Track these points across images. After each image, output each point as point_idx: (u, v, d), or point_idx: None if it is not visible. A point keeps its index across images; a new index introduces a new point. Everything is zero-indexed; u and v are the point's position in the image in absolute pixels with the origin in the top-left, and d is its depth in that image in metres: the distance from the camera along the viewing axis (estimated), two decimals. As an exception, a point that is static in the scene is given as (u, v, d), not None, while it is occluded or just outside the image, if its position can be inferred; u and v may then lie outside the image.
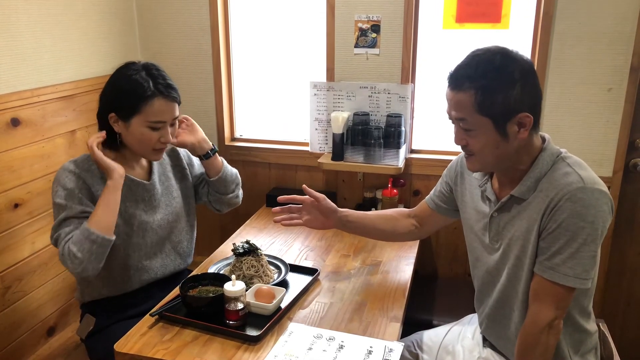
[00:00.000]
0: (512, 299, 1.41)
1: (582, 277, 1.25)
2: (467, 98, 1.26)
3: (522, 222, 1.34)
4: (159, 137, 1.60)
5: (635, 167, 2.17)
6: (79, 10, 2.16)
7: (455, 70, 1.31)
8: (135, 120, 1.56)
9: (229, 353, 1.35)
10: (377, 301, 1.60)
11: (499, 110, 1.25)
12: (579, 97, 2.11)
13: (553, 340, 1.30)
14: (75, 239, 1.50)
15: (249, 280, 1.60)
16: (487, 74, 1.25)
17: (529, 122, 1.26)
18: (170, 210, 1.77)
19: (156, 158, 1.69)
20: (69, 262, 1.50)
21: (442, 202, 1.65)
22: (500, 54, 1.27)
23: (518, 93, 1.24)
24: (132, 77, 1.56)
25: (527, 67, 1.27)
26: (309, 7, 2.37)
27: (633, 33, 1.99)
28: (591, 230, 1.23)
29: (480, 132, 1.29)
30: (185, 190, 1.85)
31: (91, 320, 1.69)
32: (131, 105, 1.55)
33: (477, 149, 1.32)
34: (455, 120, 1.32)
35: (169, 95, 1.58)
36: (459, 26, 2.16)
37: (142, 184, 1.69)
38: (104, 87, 1.63)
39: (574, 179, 1.25)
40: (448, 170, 1.64)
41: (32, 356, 2.02)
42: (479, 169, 1.41)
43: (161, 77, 1.58)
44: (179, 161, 1.86)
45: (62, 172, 1.58)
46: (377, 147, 2.21)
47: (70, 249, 1.49)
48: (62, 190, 1.56)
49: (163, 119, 1.59)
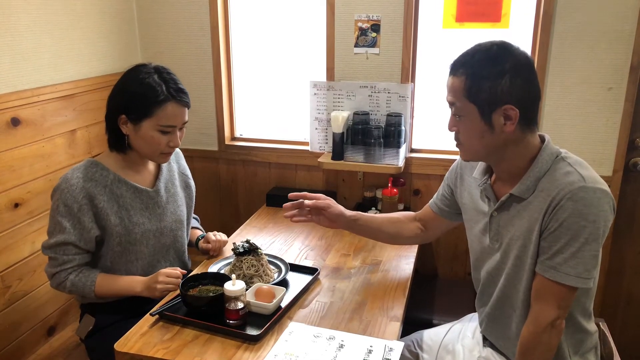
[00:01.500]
0: (512, 298, 1.41)
1: (584, 276, 1.25)
2: (459, 83, 1.29)
3: (523, 221, 1.34)
4: (168, 141, 1.61)
5: (635, 166, 2.17)
6: (79, 10, 2.17)
7: (456, 58, 1.34)
8: (146, 124, 1.57)
9: (229, 352, 1.35)
10: (377, 300, 1.60)
11: (484, 98, 1.27)
12: (579, 96, 2.11)
13: (555, 340, 1.30)
14: (77, 284, 1.60)
15: (249, 280, 1.60)
16: (480, 62, 1.28)
17: (515, 115, 1.27)
18: (175, 218, 1.77)
19: (163, 161, 1.70)
20: (54, 284, 1.63)
21: (445, 205, 1.65)
22: (498, 45, 1.29)
23: (506, 84, 1.25)
24: (145, 81, 1.55)
25: (523, 62, 1.28)
26: (309, 7, 2.37)
27: (633, 32, 1.99)
28: (593, 230, 1.23)
29: (467, 119, 1.31)
30: (189, 199, 1.87)
31: (90, 320, 1.69)
32: (143, 108, 1.55)
33: (465, 137, 1.35)
34: (450, 105, 1.36)
35: (181, 100, 1.59)
36: (458, 25, 2.16)
37: (146, 192, 1.69)
38: (113, 88, 1.62)
39: (576, 178, 1.25)
40: (449, 173, 1.64)
41: (32, 355, 2.02)
42: (469, 157, 1.42)
43: (173, 82, 1.59)
44: (185, 170, 1.88)
45: (64, 185, 1.57)
46: (377, 147, 2.21)
47: (65, 284, 1.61)
48: (62, 207, 1.56)
49: (174, 123, 1.59)
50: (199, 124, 2.56)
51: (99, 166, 1.62)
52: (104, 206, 1.59)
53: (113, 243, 1.62)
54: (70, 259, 1.59)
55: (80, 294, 1.62)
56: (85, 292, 1.60)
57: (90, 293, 1.60)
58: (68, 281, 1.59)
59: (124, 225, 1.62)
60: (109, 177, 1.62)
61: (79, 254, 1.60)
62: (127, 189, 1.65)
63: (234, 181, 2.61)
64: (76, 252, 1.59)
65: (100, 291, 1.61)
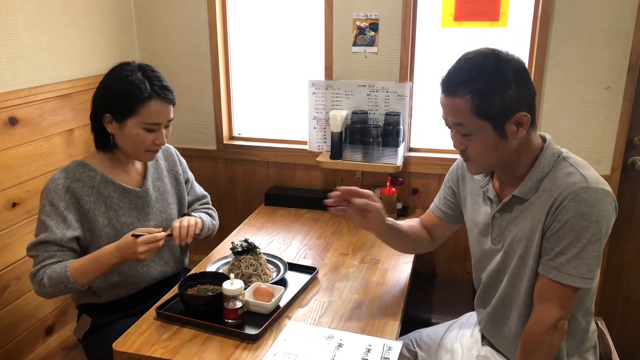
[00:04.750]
0: (513, 298, 1.41)
1: (587, 277, 1.25)
2: (464, 103, 1.25)
3: (525, 222, 1.33)
4: (154, 139, 1.59)
5: (634, 165, 2.18)
6: (77, 8, 2.16)
7: (447, 75, 1.29)
8: (130, 122, 1.55)
9: (227, 352, 1.35)
10: (375, 299, 1.60)
11: (496, 112, 1.24)
12: (577, 95, 2.11)
13: (557, 340, 1.30)
14: (53, 276, 1.50)
15: (248, 279, 1.60)
16: (482, 77, 1.23)
17: (527, 120, 1.26)
18: (165, 217, 1.75)
19: (149, 159, 1.68)
20: (36, 286, 1.53)
21: (449, 209, 1.62)
22: (492, 55, 1.26)
23: (514, 93, 1.23)
24: (129, 78, 1.54)
25: (520, 66, 1.27)
26: (307, 6, 2.37)
27: (631, 31, 1.99)
28: (595, 230, 1.23)
29: (479, 136, 1.28)
30: (180, 196, 1.84)
31: (88, 321, 1.68)
32: (127, 106, 1.54)
33: (477, 153, 1.31)
34: (453, 125, 1.31)
35: (166, 97, 1.57)
36: (457, 24, 2.16)
37: (135, 192, 1.67)
38: (97, 87, 1.61)
39: (578, 179, 1.25)
40: (449, 175, 1.62)
41: (30, 355, 2.02)
42: (479, 171, 1.40)
43: (157, 79, 1.57)
44: (174, 166, 1.84)
45: (51, 185, 1.56)
46: (376, 146, 2.21)
47: (43, 280, 1.50)
48: (48, 206, 1.54)
49: (159, 120, 1.58)
50: (197, 123, 2.56)
51: (86, 167, 1.61)
52: (91, 207, 1.58)
53: (102, 244, 1.58)
54: (50, 255, 1.52)
55: (60, 286, 1.50)
56: (64, 281, 1.49)
57: (68, 280, 1.49)
58: (45, 276, 1.50)
59: (112, 225, 1.61)
60: (96, 178, 1.61)
61: (61, 251, 1.54)
62: (115, 190, 1.63)
63: (232, 180, 2.60)
64: (57, 249, 1.53)
65: (77, 274, 1.50)
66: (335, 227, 2.15)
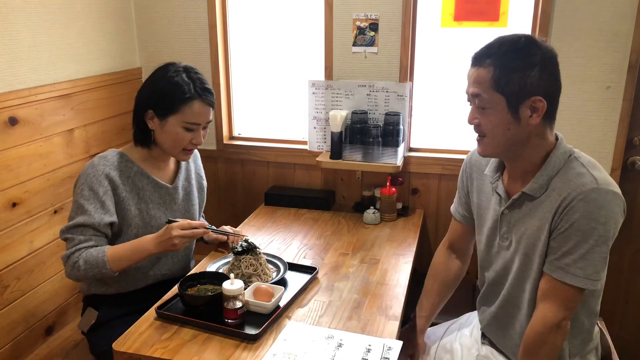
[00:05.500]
0: (519, 297, 1.40)
1: (593, 278, 1.25)
2: (486, 74, 1.26)
3: (534, 220, 1.33)
4: (191, 139, 1.66)
5: (634, 165, 2.18)
6: (77, 8, 2.16)
7: (479, 49, 1.31)
8: (171, 119, 1.63)
9: (227, 352, 1.35)
10: (375, 299, 1.60)
11: (514, 89, 1.25)
12: (577, 95, 2.11)
13: (560, 340, 1.30)
14: (89, 259, 1.55)
15: (248, 279, 1.60)
16: (509, 53, 1.25)
17: (542, 107, 1.26)
18: (188, 217, 1.80)
19: (184, 158, 1.76)
20: (68, 268, 1.58)
21: (466, 211, 1.61)
22: (525, 37, 1.28)
23: (535, 76, 1.24)
24: (174, 79, 1.63)
25: (550, 55, 1.27)
26: (307, 6, 2.37)
27: (631, 31, 1.99)
28: (603, 232, 1.23)
29: (493, 111, 1.28)
30: (201, 200, 1.92)
31: (93, 314, 1.70)
32: (170, 104, 1.62)
33: (489, 129, 1.31)
34: (472, 97, 1.32)
35: (207, 99, 1.66)
36: (457, 24, 2.16)
37: (166, 187, 1.75)
38: (142, 85, 1.70)
39: (588, 180, 1.25)
40: (460, 175, 1.62)
41: (30, 355, 2.02)
42: (490, 152, 1.37)
43: (199, 81, 1.66)
44: (200, 171, 1.93)
45: (90, 170, 1.61)
46: (376, 146, 2.21)
47: (78, 263, 1.56)
48: (87, 190, 1.59)
49: (199, 120, 1.65)
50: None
51: (124, 157, 1.68)
52: (126, 196, 1.65)
53: (130, 234, 1.66)
54: (86, 239, 1.57)
55: (95, 270, 1.55)
56: (100, 265, 1.54)
57: (104, 265, 1.54)
58: (81, 259, 1.55)
59: (142, 217, 1.68)
60: (133, 169, 1.68)
61: (96, 236, 1.59)
62: (148, 183, 1.71)
63: (232, 180, 2.60)
64: (94, 233, 1.58)
65: (114, 259, 1.56)
66: (335, 227, 2.15)
